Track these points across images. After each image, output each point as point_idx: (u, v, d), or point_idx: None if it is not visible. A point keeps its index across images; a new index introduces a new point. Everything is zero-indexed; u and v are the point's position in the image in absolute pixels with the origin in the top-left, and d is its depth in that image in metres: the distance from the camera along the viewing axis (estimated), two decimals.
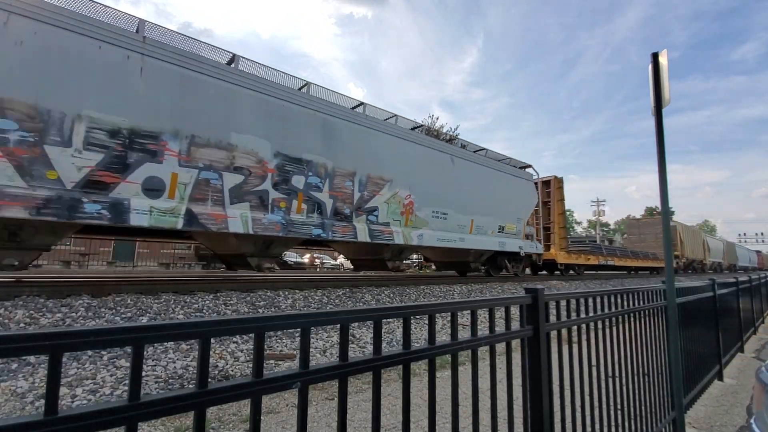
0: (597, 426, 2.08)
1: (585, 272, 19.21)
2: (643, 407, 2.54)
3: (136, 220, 5.89)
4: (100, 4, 6.28)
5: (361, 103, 8.70)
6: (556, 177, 16.26)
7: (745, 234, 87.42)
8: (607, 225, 72.76)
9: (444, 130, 31.96)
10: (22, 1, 5.26)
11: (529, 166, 14.66)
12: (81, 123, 5.58)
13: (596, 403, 2.10)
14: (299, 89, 8.09)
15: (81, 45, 5.65)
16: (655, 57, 2.97)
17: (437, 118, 36.79)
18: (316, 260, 28.83)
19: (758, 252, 61.48)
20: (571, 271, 18.00)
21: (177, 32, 6.94)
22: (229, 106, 6.92)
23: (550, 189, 15.96)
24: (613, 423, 2.20)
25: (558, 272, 17.44)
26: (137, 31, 6.37)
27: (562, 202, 16.30)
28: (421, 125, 9.43)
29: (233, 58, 7.32)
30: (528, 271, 16.05)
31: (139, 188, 6.00)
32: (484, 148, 12.87)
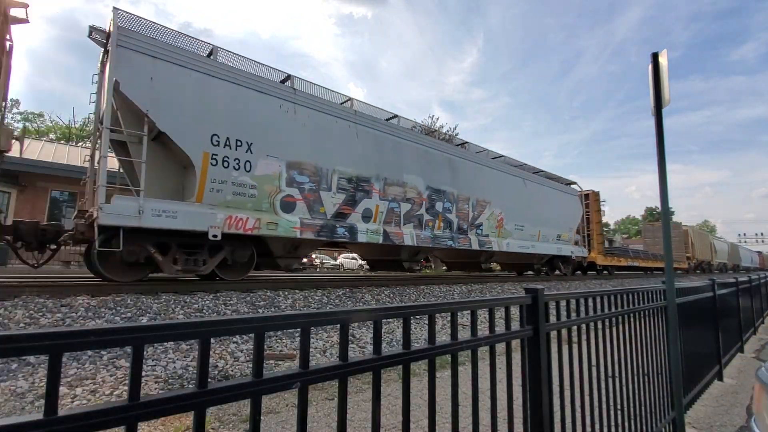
0: (597, 426, 2.08)
1: (615, 272, 21.68)
2: (643, 407, 2.54)
3: (360, 238, 8.69)
4: (328, 89, 9.24)
5: (395, 116, 10.82)
6: (593, 191, 18.97)
7: (745, 234, 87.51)
8: (607, 225, 72.62)
9: (444, 130, 31.99)
10: (303, 94, 8.20)
11: (574, 183, 17.37)
12: (335, 174, 8.41)
13: (596, 403, 2.10)
14: (388, 120, 10.33)
15: (329, 122, 8.46)
16: (654, 57, 2.97)
17: (437, 118, 36.78)
18: (316, 260, 28.81)
19: (759, 252, 63.13)
20: (605, 272, 20.59)
21: (361, 101, 9.82)
22: (401, 155, 9.85)
23: (589, 201, 18.55)
24: (613, 423, 2.20)
25: (594, 272, 20.10)
26: (351, 105, 9.41)
27: (599, 212, 19.01)
28: (430, 130, 12.03)
29: (349, 101, 9.67)
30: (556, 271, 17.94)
31: (360, 216, 8.81)
32: (541, 170, 15.46)
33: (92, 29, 7.07)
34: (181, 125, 6.48)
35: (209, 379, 0.84)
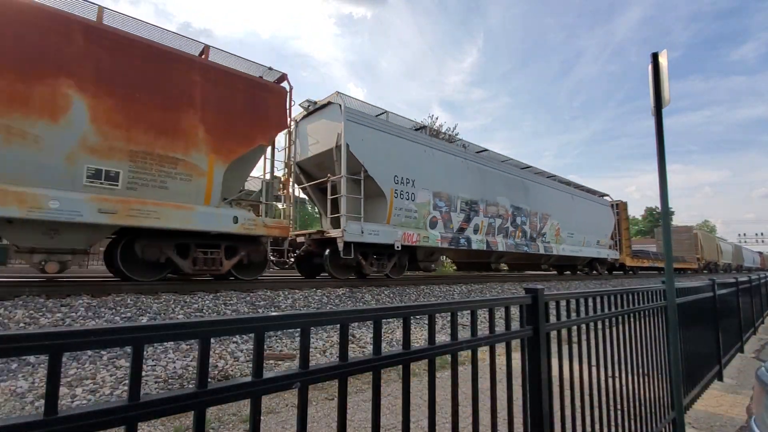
0: (597, 426, 2.08)
1: (639, 271, 24.75)
2: (642, 407, 2.54)
3: (474, 246, 11.74)
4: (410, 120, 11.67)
5: (485, 149, 13.45)
6: (622, 202, 21.85)
7: (745, 234, 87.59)
8: None
9: (443, 130, 32.02)
10: (435, 141, 11.45)
11: (607, 195, 20.86)
12: (458, 200, 11.29)
13: (596, 403, 2.10)
14: (416, 128, 12.16)
15: (452, 160, 11.49)
16: (654, 57, 2.97)
17: (436, 118, 36.82)
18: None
19: (760, 253, 65.58)
20: (630, 272, 23.36)
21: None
22: (494, 182, 12.87)
23: (619, 210, 21.41)
24: (613, 423, 2.20)
25: (622, 272, 22.95)
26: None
27: (627, 220, 22.08)
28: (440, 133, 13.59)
29: (423, 126, 12.32)
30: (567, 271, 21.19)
31: (472, 230, 11.76)
32: (582, 185, 18.72)
33: (308, 102, 9.97)
34: (379, 170, 9.34)
35: (209, 379, 0.84)
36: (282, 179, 8.93)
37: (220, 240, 7.21)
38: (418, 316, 1.30)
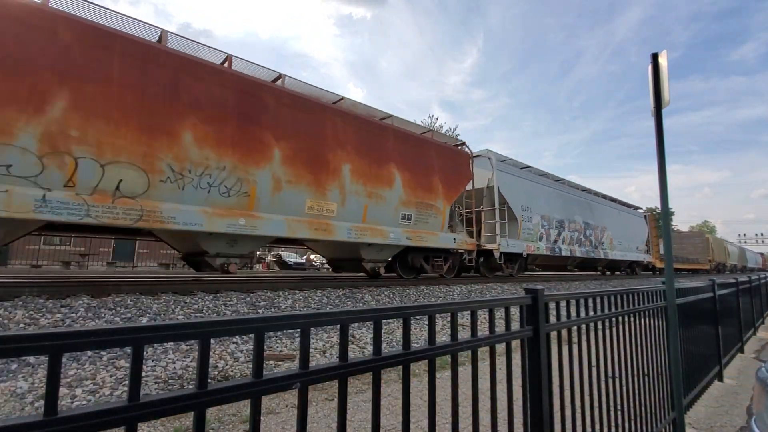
0: (597, 426, 2.08)
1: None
2: (643, 408, 2.54)
3: (563, 254, 15.99)
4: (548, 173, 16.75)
5: (528, 166, 16.08)
6: (652, 213, 26.51)
7: (745, 234, 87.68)
8: None
9: (443, 131, 32.02)
10: (539, 177, 16.09)
11: (640, 207, 25.91)
12: (553, 219, 15.39)
13: (596, 404, 2.10)
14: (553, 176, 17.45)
15: (549, 190, 15.79)
16: (654, 57, 2.97)
17: (436, 119, 36.95)
18: (315, 260, 28.80)
19: (761, 254, 69.54)
20: (658, 272, 26.42)
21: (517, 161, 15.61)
22: (572, 203, 17.12)
23: (649, 220, 25.47)
24: (613, 423, 2.20)
25: (650, 272, 26.45)
26: (556, 179, 16.99)
27: (656, 228, 25.79)
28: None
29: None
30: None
31: (561, 242, 15.81)
32: (623, 201, 22.99)
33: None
34: (515, 203, 13.47)
35: (209, 380, 0.84)
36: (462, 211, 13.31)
37: (443, 253, 11.61)
38: (418, 317, 1.29)
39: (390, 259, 10.58)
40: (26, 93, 5.19)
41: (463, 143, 12.75)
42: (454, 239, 11.40)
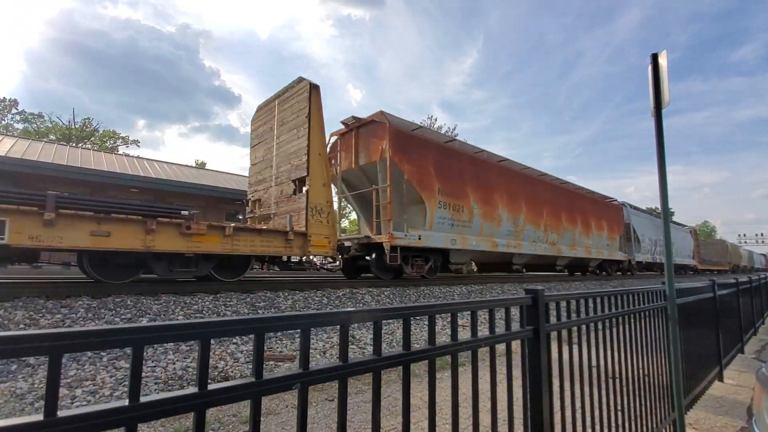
0: (597, 427, 2.08)
1: (705, 272, 34.62)
2: (643, 408, 2.53)
3: (656, 260, 24.40)
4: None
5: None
6: (694, 229, 35.14)
7: (745, 235, 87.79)
8: None
9: (443, 131, 32.03)
10: (646, 212, 26.60)
11: (687, 225, 34.62)
12: (650, 238, 23.84)
13: (596, 404, 2.10)
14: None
15: (647, 220, 24.53)
16: (654, 58, 2.97)
17: (435, 119, 37.05)
18: (314, 260, 28.75)
19: (764, 255, 74.84)
20: (696, 272, 32.90)
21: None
22: (650, 226, 24.14)
23: (693, 234, 33.65)
24: (613, 424, 2.20)
25: (693, 272, 32.27)
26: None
27: (697, 239, 33.00)
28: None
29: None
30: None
31: (652, 253, 23.99)
32: (679, 222, 30.94)
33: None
34: (640, 232, 22.25)
35: (209, 380, 0.84)
36: None
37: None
38: (418, 317, 1.29)
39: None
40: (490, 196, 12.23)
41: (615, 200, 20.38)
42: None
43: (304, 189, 8.34)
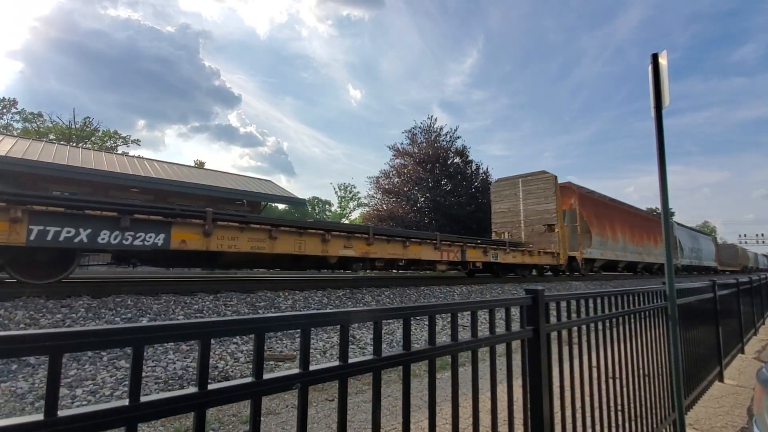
0: (597, 427, 2.07)
1: (726, 272, 39.41)
2: (643, 408, 2.53)
3: (694, 264, 31.32)
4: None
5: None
6: (714, 237, 44.54)
7: (745, 235, 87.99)
8: None
9: (443, 132, 32.03)
10: (682, 228, 31.36)
11: (710, 234, 43.85)
12: (685, 248, 28.95)
13: (597, 404, 2.10)
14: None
15: (692, 235, 32.55)
16: (654, 58, 2.97)
17: (435, 119, 37.19)
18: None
19: (766, 255, 78.98)
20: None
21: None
22: (689, 238, 30.76)
23: (713, 240, 40.16)
24: (613, 424, 2.20)
25: (713, 272, 35.96)
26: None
27: (717, 245, 39.96)
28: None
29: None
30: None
31: (690, 256, 30.54)
32: (696, 229, 37.68)
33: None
34: (683, 242, 28.24)
35: (209, 380, 0.84)
36: None
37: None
38: (418, 317, 1.29)
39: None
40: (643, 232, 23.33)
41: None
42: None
43: (556, 230, 15.43)
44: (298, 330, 0.99)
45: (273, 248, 7.34)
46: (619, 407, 2.28)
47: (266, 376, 0.90)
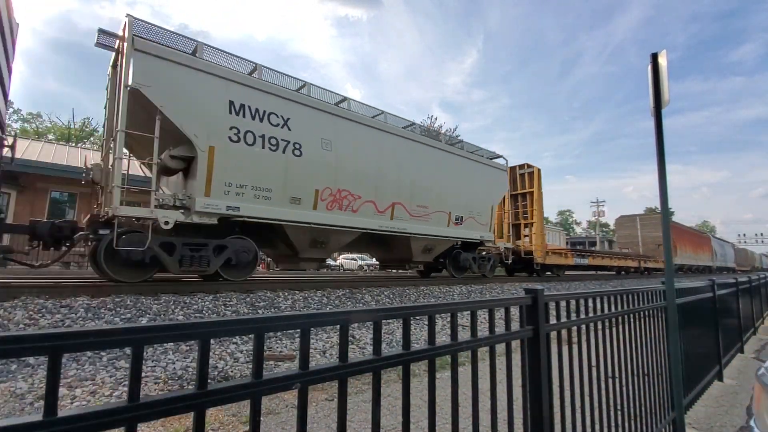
0: (597, 427, 2.08)
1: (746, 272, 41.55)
2: (643, 408, 2.54)
3: None
4: None
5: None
6: (733, 244, 46.05)
7: (745, 235, 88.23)
8: (606, 225, 72.65)
9: (443, 131, 32.04)
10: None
11: (729, 242, 46.13)
12: (717, 254, 39.08)
13: (596, 404, 2.10)
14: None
15: (716, 243, 40.56)
16: (654, 57, 2.97)
17: (435, 119, 37.21)
18: None
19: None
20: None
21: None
22: (719, 246, 40.64)
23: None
24: (613, 423, 2.20)
25: (732, 271, 39.75)
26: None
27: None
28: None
29: None
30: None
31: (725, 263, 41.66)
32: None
33: None
34: (717, 251, 39.43)
35: (209, 380, 0.84)
36: None
37: None
38: (418, 317, 1.30)
39: None
40: None
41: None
42: None
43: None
44: (298, 330, 0.99)
45: None
46: (619, 407, 2.28)
47: (266, 376, 0.90)
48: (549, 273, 17.43)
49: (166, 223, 6.44)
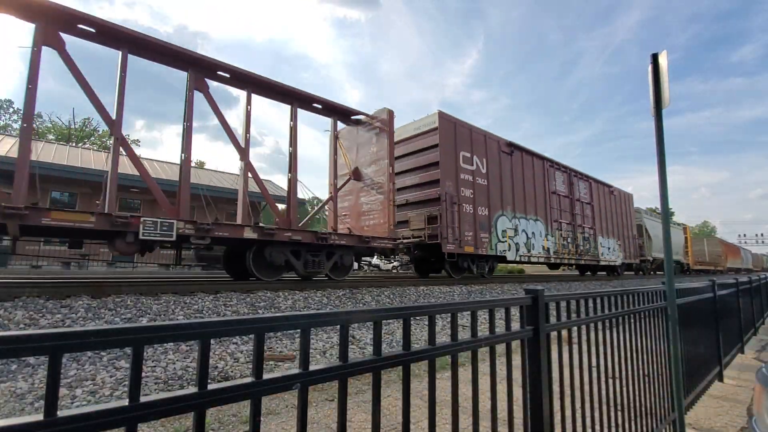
0: (597, 427, 2.08)
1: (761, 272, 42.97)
2: (643, 408, 2.54)
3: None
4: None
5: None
6: (755, 253, 56.81)
7: (745, 235, 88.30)
8: None
9: None
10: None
11: (750, 250, 55.49)
12: (744, 258, 49.71)
13: (596, 404, 2.10)
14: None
15: (748, 251, 53.99)
16: (654, 58, 2.97)
17: None
18: None
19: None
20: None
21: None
22: (743, 252, 48.67)
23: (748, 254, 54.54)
24: (613, 424, 2.20)
25: (748, 271, 40.18)
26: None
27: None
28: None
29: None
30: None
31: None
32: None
33: None
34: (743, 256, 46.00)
35: (209, 380, 0.84)
36: None
37: None
38: (418, 317, 1.30)
39: None
40: None
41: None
42: None
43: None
44: (298, 330, 0.99)
45: None
46: (619, 407, 2.28)
47: (266, 376, 0.90)
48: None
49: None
